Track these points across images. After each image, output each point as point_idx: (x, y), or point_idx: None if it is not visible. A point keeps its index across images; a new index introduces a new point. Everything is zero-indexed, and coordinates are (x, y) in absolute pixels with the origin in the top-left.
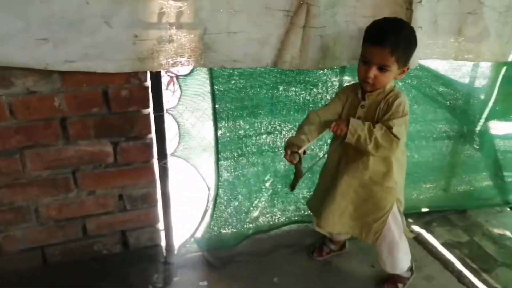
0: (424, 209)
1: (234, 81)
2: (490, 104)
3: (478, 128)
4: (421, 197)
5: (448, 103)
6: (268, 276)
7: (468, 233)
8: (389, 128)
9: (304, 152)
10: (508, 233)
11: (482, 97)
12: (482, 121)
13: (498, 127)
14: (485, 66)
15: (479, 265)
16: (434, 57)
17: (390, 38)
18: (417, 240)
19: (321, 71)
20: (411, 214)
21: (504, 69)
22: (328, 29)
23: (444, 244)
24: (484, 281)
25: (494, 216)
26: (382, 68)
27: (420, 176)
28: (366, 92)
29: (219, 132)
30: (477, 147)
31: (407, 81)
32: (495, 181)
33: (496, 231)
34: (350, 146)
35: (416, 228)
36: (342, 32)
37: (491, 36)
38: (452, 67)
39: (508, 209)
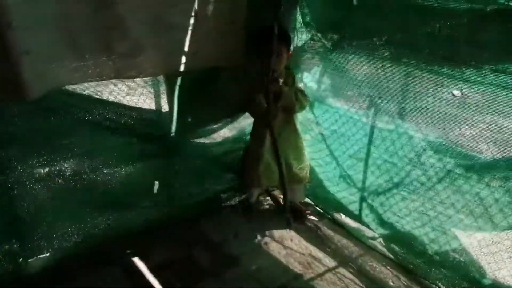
0: (141, 229)
1: None
2: (175, 116)
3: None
4: (140, 218)
5: (127, 124)
6: None
7: (188, 248)
8: (301, 91)
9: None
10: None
11: (165, 110)
12: (172, 135)
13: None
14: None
15: (186, 283)
16: (89, 79)
17: (277, 33)
18: (127, 271)
19: None
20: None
21: (179, 79)
22: None
23: (155, 268)
24: None
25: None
26: (279, 55)
27: (134, 197)
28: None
29: None
30: (185, 159)
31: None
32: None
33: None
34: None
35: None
36: None
37: (148, 49)
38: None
39: None
